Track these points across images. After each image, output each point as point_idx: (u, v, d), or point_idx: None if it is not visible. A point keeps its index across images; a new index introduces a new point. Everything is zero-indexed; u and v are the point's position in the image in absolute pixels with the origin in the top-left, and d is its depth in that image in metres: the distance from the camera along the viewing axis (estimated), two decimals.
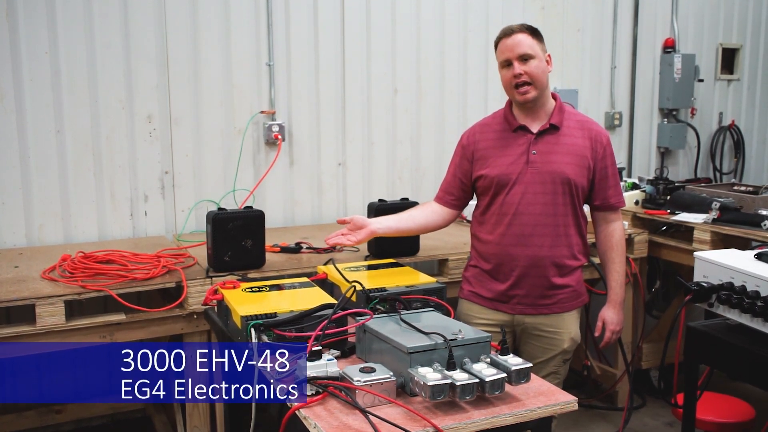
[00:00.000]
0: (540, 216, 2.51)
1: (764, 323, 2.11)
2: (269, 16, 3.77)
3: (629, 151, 5.07)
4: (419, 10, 4.19)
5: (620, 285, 2.70)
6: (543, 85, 2.51)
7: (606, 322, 2.71)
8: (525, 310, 2.58)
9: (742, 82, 5.51)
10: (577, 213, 2.57)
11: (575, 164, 2.52)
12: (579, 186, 2.53)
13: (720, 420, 3.10)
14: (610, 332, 2.71)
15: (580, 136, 2.55)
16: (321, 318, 1.92)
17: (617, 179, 2.65)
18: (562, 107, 2.59)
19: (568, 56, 4.72)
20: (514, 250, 2.54)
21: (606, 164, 2.58)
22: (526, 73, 2.47)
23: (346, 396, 1.63)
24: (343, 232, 2.58)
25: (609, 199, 2.62)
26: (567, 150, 2.53)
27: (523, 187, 2.52)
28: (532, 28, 2.52)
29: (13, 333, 2.54)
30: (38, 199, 3.39)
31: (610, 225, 2.66)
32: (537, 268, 2.53)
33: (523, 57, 2.47)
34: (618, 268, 2.67)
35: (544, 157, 2.52)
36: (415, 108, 4.24)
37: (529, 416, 1.67)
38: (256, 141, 3.83)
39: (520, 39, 2.48)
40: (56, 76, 3.37)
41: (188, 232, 3.64)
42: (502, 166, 2.55)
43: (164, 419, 3.48)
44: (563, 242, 2.54)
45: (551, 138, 2.54)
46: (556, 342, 2.59)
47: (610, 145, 2.61)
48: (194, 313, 2.80)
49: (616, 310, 2.70)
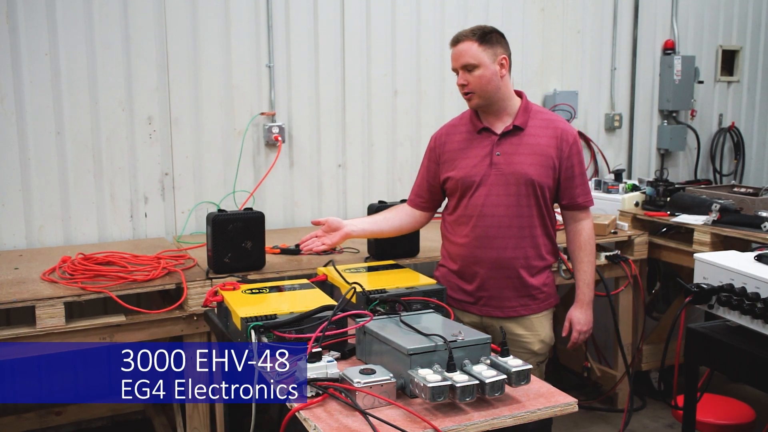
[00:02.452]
0: (504, 217, 2.52)
1: (764, 325, 2.11)
2: (269, 18, 3.78)
3: (629, 153, 5.07)
4: (419, 12, 4.19)
5: (588, 285, 2.67)
6: (488, 93, 2.51)
7: (573, 323, 2.68)
8: (492, 312, 2.59)
9: (742, 83, 5.51)
10: (543, 213, 2.56)
11: (539, 164, 2.52)
12: (543, 186, 2.53)
13: (720, 422, 3.10)
14: (577, 332, 2.67)
15: (545, 135, 2.54)
16: (321, 319, 1.92)
17: (584, 178, 2.63)
18: (528, 107, 2.59)
19: (568, 58, 4.72)
20: (479, 252, 2.55)
21: (572, 163, 2.56)
22: (469, 83, 2.50)
23: (346, 398, 1.63)
24: (317, 235, 2.60)
25: (576, 199, 2.60)
26: (531, 150, 2.52)
27: (487, 189, 2.53)
28: (483, 33, 2.49)
29: (13, 335, 2.54)
30: (38, 200, 3.39)
31: (578, 224, 2.64)
32: (502, 270, 2.54)
33: (466, 67, 2.49)
34: (586, 268, 2.65)
35: (508, 159, 2.52)
36: (415, 109, 4.24)
37: (529, 418, 1.67)
38: (256, 142, 3.83)
39: (464, 48, 2.48)
40: (56, 77, 3.37)
41: (188, 234, 3.64)
42: (467, 168, 2.57)
43: (164, 421, 3.48)
44: (528, 243, 2.55)
45: (515, 139, 2.54)
46: (526, 345, 2.59)
47: (577, 144, 2.58)
48: (194, 315, 2.80)
49: (583, 309, 2.67)
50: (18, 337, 2.54)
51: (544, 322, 2.62)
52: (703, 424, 3.07)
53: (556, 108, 4.57)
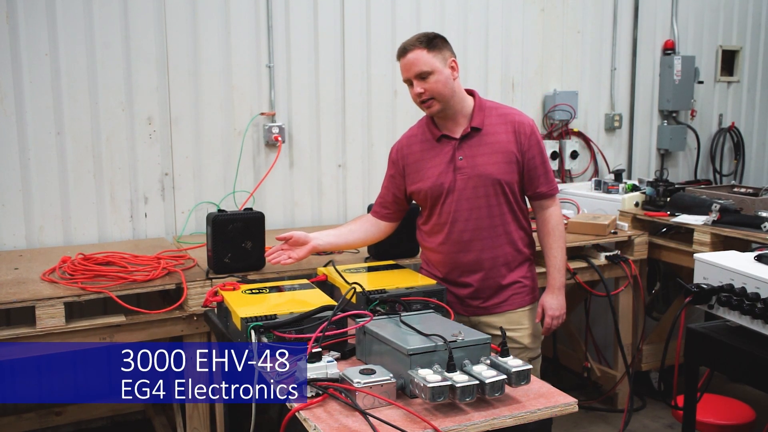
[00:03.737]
0: (477, 220, 2.53)
1: (764, 325, 2.11)
2: (269, 18, 3.78)
3: (629, 153, 5.07)
4: (419, 12, 4.19)
5: (558, 270, 2.64)
6: (446, 96, 2.50)
7: (545, 308, 2.64)
8: (477, 312, 2.60)
9: (742, 83, 5.52)
10: (514, 209, 2.57)
11: (502, 162, 2.52)
12: (510, 183, 2.53)
13: (720, 422, 3.10)
14: (550, 318, 2.63)
15: (504, 131, 2.54)
16: (321, 320, 1.92)
17: (546, 167, 2.61)
18: (482, 105, 2.58)
19: (568, 58, 4.72)
20: (458, 257, 2.57)
21: (533, 154, 2.55)
22: (426, 90, 2.48)
23: (346, 398, 1.63)
24: (283, 248, 2.59)
25: (539, 188, 2.60)
26: (491, 149, 2.52)
27: (457, 194, 2.53)
28: (429, 39, 2.48)
29: (13, 335, 2.54)
30: (38, 201, 3.39)
31: (545, 212, 2.64)
32: (483, 271, 2.56)
33: (419, 75, 2.47)
34: (556, 254, 2.63)
35: (471, 161, 2.52)
36: (414, 110, 4.21)
37: (529, 418, 1.67)
38: (256, 143, 3.83)
39: (414, 58, 2.46)
40: (56, 77, 3.37)
41: (188, 234, 3.64)
42: (433, 177, 2.57)
43: (164, 421, 3.48)
44: (504, 240, 2.56)
45: (475, 140, 2.54)
46: (516, 340, 2.59)
47: (535, 134, 2.57)
48: (194, 315, 2.80)
49: (555, 295, 2.64)
50: (18, 337, 2.54)
51: (530, 316, 2.63)
52: (703, 424, 3.07)
53: (556, 108, 4.57)
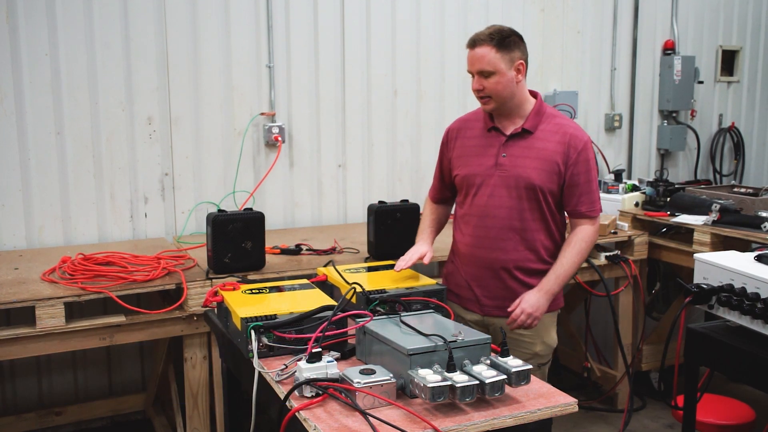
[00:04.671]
0: (505, 219, 2.52)
1: (764, 325, 2.11)
2: (269, 18, 3.78)
3: (629, 153, 5.07)
4: (419, 12, 4.19)
5: (557, 276, 2.50)
6: (504, 98, 2.50)
7: (522, 300, 2.48)
8: (492, 312, 2.59)
9: (742, 83, 5.51)
10: (546, 217, 2.54)
11: (543, 169, 2.49)
12: (546, 191, 2.50)
13: (720, 422, 3.10)
14: (520, 310, 2.46)
15: (554, 141, 2.51)
16: (321, 320, 1.92)
17: (591, 187, 2.53)
18: (541, 110, 2.56)
19: (568, 58, 4.72)
20: (478, 252, 2.57)
21: (578, 170, 2.50)
22: (485, 88, 2.48)
23: (346, 398, 1.63)
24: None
25: (579, 206, 2.54)
26: (536, 155, 2.51)
27: (490, 190, 2.53)
28: (500, 38, 2.45)
29: (13, 335, 2.54)
30: (38, 201, 3.39)
31: (577, 228, 2.56)
32: (500, 271, 2.55)
33: (482, 73, 2.47)
34: (563, 261, 2.51)
35: (513, 161, 2.52)
36: (414, 110, 4.24)
37: (529, 418, 1.67)
38: (256, 143, 3.83)
39: (481, 54, 2.46)
40: (56, 78, 3.37)
41: (188, 234, 3.64)
42: (473, 166, 2.58)
43: (164, 421, 3.48)
44: (528, 246, 2.54)
45: (523, 142, 2.53)
46: (527, 345, 2.58)
47: (586, 151, 2.51)
48: (194, 315, 2.80)
49: (539, 294, 2.49)
50: (18, 337, 2.55)
51: (545, 324, 2.60)
52: (703, 424, 3.07)
53: (556, 108, 4.56)
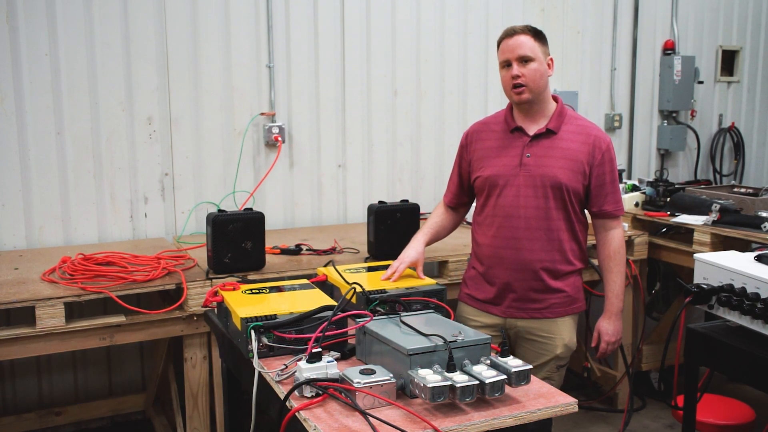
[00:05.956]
0: (531, 219, 2.51)
1: (764, 325, 2.11)
2: (269, 18, 3.78)
3: (629, 153, 5.07)
4: (419, 12, 4.19)
5: (617, 295, 2.64)
6: (539, 89, 2.50)
7: (601, 333, 2.67)
8: (516, 314, 2.58)
9: (742, 84, 5.51)
10: (571, 218, 2.55)
11: (569, 169, 2.50)
12: (572, 191, 2.51)
13: (720, 422, 3.09)
14: (605, 343, 2.66)
15: (578, 141, 2.53)
16: (321, 320, 1.91)
17: (616, 186, 2.59)
18: (563, 111, 2.58)
19: (568, 58, 4.72)
20: (505, 253, 2.55)
21: (604, 171, 2.54)
22: (524, 75, 2.47)
23: (346, 398, 1.63)
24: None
25: (605, 207, 2.58)
26: (562, 154, 2.51)
27: (515, 190, 2.52)
28: (536, 31, 2.51)
29: (13, 335, 2.54)
30: (38, 201, 3.39)
31: (608, 233, 2.61)
32: (527, 272, 2.54)
33: (522, 59, 2.47)
34: (615, 278, 2.62)
35: (538, 161, 2.51)
36: (415, 110, 4.24)
37: (529, 418, 1.67)
38: (256, 143, 3.83)
39: (521, 41, 2.47)
40: (56, 78, 3.37)
41: (188, 234, 3.64)
42: (496, 167, 2.57)
43: (164, 421, 3.48)
44: (555, 246, 2.53)
45: (547, 142, 2.53)
46: (549, 347, 2.58)
47: (610, 152, 2.55)
48: (194, 315, 2.80)
49: (611, 320, 2.65)
50: (18, 337, 2.55)
51: (567, 326, 2.60)
52: (703, 424, 3.07)
53: None
